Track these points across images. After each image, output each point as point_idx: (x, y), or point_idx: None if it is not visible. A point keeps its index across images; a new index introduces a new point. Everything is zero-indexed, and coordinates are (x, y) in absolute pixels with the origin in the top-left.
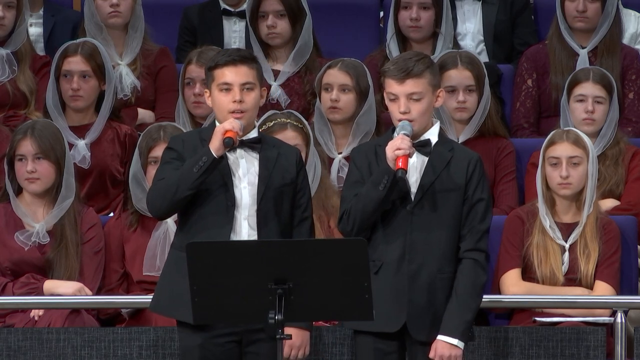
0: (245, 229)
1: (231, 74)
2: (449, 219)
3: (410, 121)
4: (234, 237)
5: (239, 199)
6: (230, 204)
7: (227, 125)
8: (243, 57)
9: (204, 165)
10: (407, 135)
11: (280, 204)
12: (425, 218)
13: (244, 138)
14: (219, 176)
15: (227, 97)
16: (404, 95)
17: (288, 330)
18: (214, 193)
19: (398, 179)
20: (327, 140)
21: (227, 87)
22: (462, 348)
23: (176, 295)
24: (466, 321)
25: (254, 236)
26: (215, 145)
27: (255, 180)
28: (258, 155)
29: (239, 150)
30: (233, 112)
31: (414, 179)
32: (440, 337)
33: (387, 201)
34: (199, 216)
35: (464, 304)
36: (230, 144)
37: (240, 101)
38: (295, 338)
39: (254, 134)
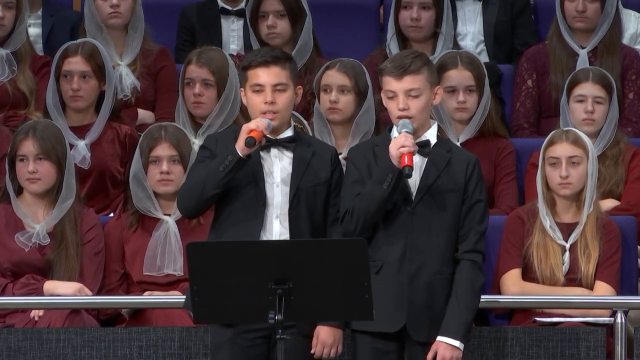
0: (277, 227)
1: (263, 75)
2: (449, 219)
3: (410, 118)
4: (264, 235)
5: (271, 197)
6: (261, 202)
7: (251, 125)
8: (275, 58)
9: (230, 164)
10: (409, 133)
11: (313, 203)
12: (426, 218)
13: (279, 137)
14: (251, 174)
15: (260, 98)
16: (402, 92)
17: (320, 328)
18: (245, 191)
19: (405, 176)
20: (327, 141)
21: (259, 88)
22: (462, 349)
23: None
24: (466, 322)
25: (285, 235)
26: (240, 145)
27: (288, 179)
28: (292, 154)
29: (272, 149)
30: (265, 113)
31: (414, 180)
32: (441, 338)
33: (390, 200)
34: (229, 213)
35: (465, 305)
36: (252, 144)
37: (272, 102)
38: (327, 336)
39: (289, 132)
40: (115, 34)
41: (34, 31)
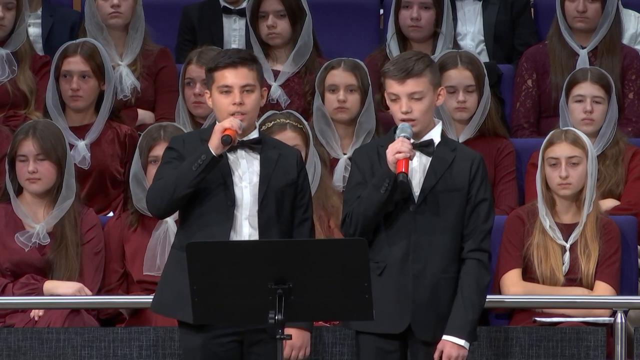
0: (246, 228)
1: (231, 76)
2: (453, 219)
3: (413, 120)
4: (234, 236)
5: (240, 198)
6: (230, 203)
7: (226, 124)
8: (243, 59)
9: (203, 163)
10: (408, 138)
11: (281, 204)
12: (429, 219)
13: (245, 139)
14: (219, 175)
15: (228, 99)
16: (405, 95)
17: (288, 330)
18: (214, 192)
19: (399, 182)
20: (331, 140)
21: (227, 90)
22: (468, 348)
23: (177, 295)
24: (472, 321)
25: (255, 236)
26: (214, 144)
27: (256, 180)
28: (259, 156)
29: (239, 151)
30: (233, 114)
31: (417, 180)
32: (446, 337)
33: (389, 204)
34: (198, 215)
35: (470, 304)
36: (228, 142)
37: (241, 103)
38: (296, 339)
39: (254, 134)
40: (115, 34)
41: (34, 31)
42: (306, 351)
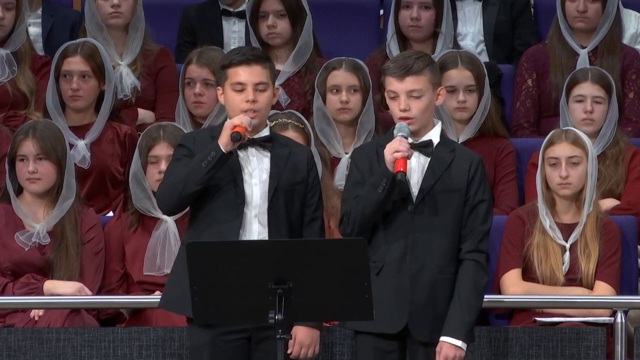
0: (255, 226)
1: (245, 74)
2: (451, 219)
3: (411, 119)
4: (244, 235)
5: (249, 196)
6: (240, 200)
7: (235, 121)
8: (257, 57)
9: (213, 160)
10: (405, 137)
11: (291, 202)
12: (427, 219)
13: (256, 136)
14: (229, 173)
15: (241, 97)
16: (404, 93)
17: (297, 328)
18: (224, 189)
19: (397, 182)
20: (333, 140)
21: (240, 87)
22: (465, 349)
23: (186, 292)
24: (469, 322)
25: (264, 234)
26: (223, 141)
27: (266, 177)
28: (269, 154)
29: (250, 148)
30: (246, 111)
31: (415, 180)
32: (444, 338)
33: (386, 203)
34: (208, 212)
35: (467, 305)
36: (237, 139)
37: (254, 101)
38: (305, 337)
39: (265, 132)
40: (115, 34)
41: (34, 30)
42: (315, 349)
